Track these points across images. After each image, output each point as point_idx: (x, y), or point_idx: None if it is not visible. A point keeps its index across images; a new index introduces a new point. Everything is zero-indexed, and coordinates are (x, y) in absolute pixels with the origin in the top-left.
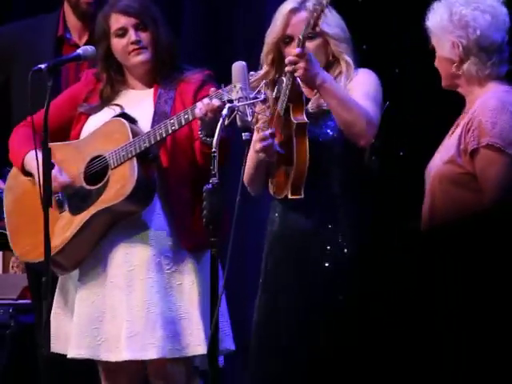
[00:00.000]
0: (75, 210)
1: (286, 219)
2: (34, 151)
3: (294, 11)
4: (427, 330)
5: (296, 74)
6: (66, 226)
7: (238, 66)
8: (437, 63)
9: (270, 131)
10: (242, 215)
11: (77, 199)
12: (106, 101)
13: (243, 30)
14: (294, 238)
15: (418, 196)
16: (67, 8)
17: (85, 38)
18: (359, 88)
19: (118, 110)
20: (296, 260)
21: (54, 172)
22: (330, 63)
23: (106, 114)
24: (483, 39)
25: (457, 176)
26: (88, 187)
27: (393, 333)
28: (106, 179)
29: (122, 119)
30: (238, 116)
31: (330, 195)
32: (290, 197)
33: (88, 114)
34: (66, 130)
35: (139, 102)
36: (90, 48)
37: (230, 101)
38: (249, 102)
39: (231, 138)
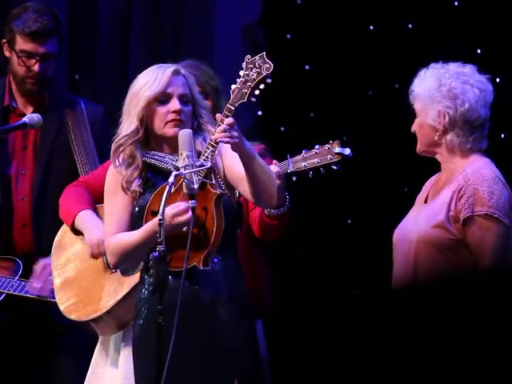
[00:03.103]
0: (125, 272)
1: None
2: (85, 211)
3: (175, 73)
4: None
5: (231, 142)
6: (116, 286)
7: (184, 134)
8: (416, 128)
9: (192, 203)
10: None
11: None
12: None
13: (190, 32)
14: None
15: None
16: (12, 80)
17: (30, 109)
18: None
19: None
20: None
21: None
22: (194, 130)
23: None
24: (470, 113)
25: (446, 241)
26: None
27: None
28: None
29: None
30: (184, 183)
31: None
32: (201, 268)
33: None
34: None
35: None
36: (36, 116)
37: (177, 168)
38: (195, 169)
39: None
